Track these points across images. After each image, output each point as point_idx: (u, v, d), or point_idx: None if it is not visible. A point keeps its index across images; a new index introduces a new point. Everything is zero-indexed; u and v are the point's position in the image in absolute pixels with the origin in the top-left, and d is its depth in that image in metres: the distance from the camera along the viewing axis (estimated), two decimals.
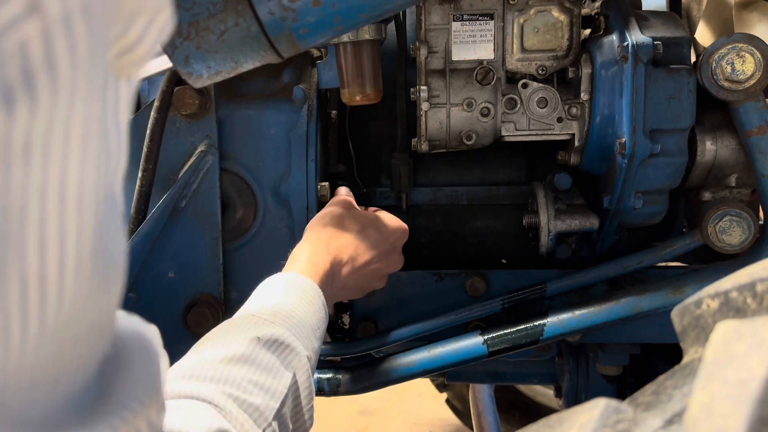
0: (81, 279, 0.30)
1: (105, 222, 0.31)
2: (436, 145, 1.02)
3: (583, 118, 0.99)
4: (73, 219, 0.29)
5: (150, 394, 0.36)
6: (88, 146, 0.29)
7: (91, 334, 0.32)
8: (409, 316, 1.05)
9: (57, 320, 0.29)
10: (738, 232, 0.96)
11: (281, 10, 0.69)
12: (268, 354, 0.69)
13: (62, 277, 0.29)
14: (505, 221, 1.13)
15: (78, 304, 0.30)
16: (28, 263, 0.27)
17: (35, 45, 0.25)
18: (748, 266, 0.39)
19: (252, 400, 0.63)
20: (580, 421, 0.36)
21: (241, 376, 0.65)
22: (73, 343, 0.31)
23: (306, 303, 0.78)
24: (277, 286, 0.81)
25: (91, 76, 0.28)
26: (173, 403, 0.60)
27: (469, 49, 0.98)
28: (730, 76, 0.91)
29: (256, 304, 0.78)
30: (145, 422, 0.35)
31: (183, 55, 0.71)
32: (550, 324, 1.00)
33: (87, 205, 0.29)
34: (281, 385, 0.67)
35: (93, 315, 0.32)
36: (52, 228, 0.28)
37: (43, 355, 0.29)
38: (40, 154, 0.27)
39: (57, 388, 0.31)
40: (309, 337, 0.75)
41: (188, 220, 1.00)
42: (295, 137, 1.00)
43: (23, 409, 0.29)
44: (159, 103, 0.97)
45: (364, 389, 1.04)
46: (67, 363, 0.31)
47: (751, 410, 0.30)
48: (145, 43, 0.32)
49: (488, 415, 1.57)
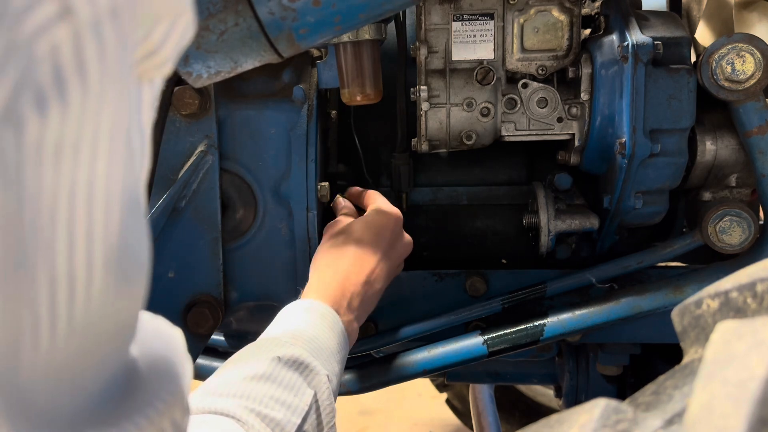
0: (108, 278, 0.30)
1: (130, 223, 0.32)
2: (436, 145, 1.02)
3: (583, 118, 0.99)
4: (101, 219, 0.29)
5: (174, 394, 0.36)
6: (115, 148, 0.29)
7: (116, 332, 0.33)
8: (409, 316, 1.05)
9: (85, 319, 0.30)
10: (738, 232, 0.96)
11: (281, 10, 0.69)
12: (289, 372, 0.70)
13: (90, 276, 0.29)
14: (505, 221, 1.13)
15: (105, 303, 0.31)
16: (57, 263, 0.28)
17: (66, 49, 0.26)
18: (748, 266, 0.39)
19: (274, 415, 0.64)
20: (580, 421, 0.36)
21: (263, 393, 0.66)
22: (99, 342, 0.32)
23: (325, 328, 0.80)
24: (297, 312, 0.82)
25: (120, 80, 0.29)
26: (197, 418, 0.61)
27: (469, 49, 0.98)
28: (730, 76, 0.91)
29: (277, 329, 0.79)
30: (169, 421, 0.35)
31: (183, 55, 0.71)
32: (550, 324, 1.00)
33: (113, 206, 0.30)
34: (303, 403, 0.68)
35: (118, 314, 0.32)
36: (81, 229, 0.29)
37: (70, 353, 0.30)
38: (71, 156, 0.27)
39: (83, 386, 0.32)
40: (329, 359, 0.76)
41: (188, 220, 1.00)
42: (295, 137, 1.00)
43: (51, 406, 0.30)
44: (159, 103, 0.97)
45: (364, 389, 1.04)
46: (93, 361, 0.32)
47: (751, 410, 0.30)
48: (167, 46, 0.33)
49: (488, 415, 1.57)
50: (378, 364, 1.04)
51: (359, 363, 1.05)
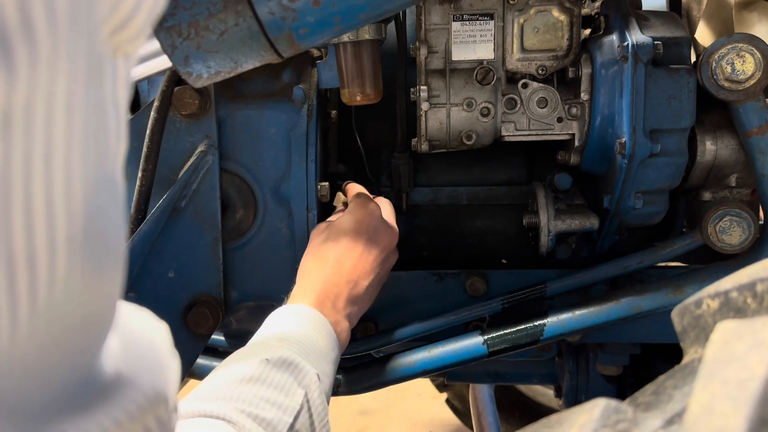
0: (74, 262, 0.29)
1: (100, 203, 0.30)
2: (436, 145, 1.02)
3: (583, 118, 0.99)
4: (62, 196, 0.28)
5: (158, 390, 0.34)
6: (75, 119, 0.28)
7: (88, 322, 0.31)
8: (409, 316, 1.05)
9: (49, 306, 0.28)
10: (738, 232, 0.96)
11: (281, 10, 0.69)
12: (279, 373, 0.69)
13: (52, 257, 0.28)
14: (505, 221, 1.13)
15: (72, 290, 0.29)
16: (14, 242, 0.26)
17: (10, 8, 0.24)
18: (748, 266, 0.39)
19: (265, 415, 0.64)
20: (580, 421, 0.36)
21: (254, 394, 0.66)
22: (69, 331, 0.30)
23: (313, 330, 0.79)
24: (283, 316, 0.82)
25: (74, 44, 0.27)
26: (189, 421, 0.61)
27: (469, 49, 0.98)
28: (730, 76, 0.91)
29: (264, 333, 0.79)
30: (153, 418, 0.34)
31: (183, 55, 0.71)
32: (550, 324, 1.00)
33: (77, 183, 0.28)
34: (294, 402, 0.68)
35: (89, 301, 0.31)
36: (39, 205, 0.27)
37: (36, 341, 0.28)
38: (22, 124, 0.26)
39: (53, 377, 0.30)
40: (319, 360, 0.76)
41: (188, 220, 1.00)
42: (295, 137, 1.00)
43: (17, 398, 0.28)
44: (159, 103, 0.97)
45: (364, 389, 1.04)
46: (63, 351, 0.30)
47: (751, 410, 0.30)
48: (139, 17, 0.31)
49: (488, 415, 1.57)
50: (378, 364, 1.04)
51: (359, 363, 1.05)
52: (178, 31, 0.70)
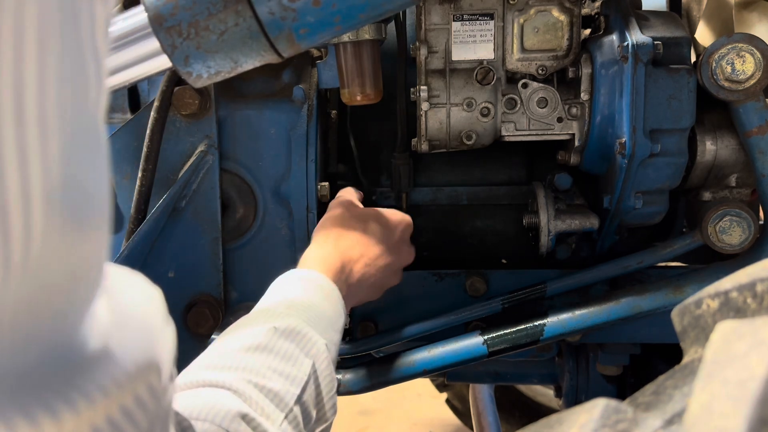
0: (52, 215, 0.26)
1: (79, 153, 0.28)
2: (436, 145, 1.02)
3: (583, 118, 0.99)
4: (36, 141, 0.25)
5: (149, 357, 0.32)
6: (48, 57, 0.25)
7: (70, 282, 0.29)
8: (409, 316, 1.05)
9: (25, 263, 0.26)
10: (738, 232, 0.96)
11: (281, 10, 0.69)
12: (286, 342, 0.68)
13: (27, 211, 0.25)
14: (505, 221, 1.13)
15: (50, 246, 0.27)
16: None
17: None
18: (748, 266, 0.39)
19: (272, 386, 0.62)
20: (580, 421, 0.36)
21: (260, 363, 0.64)
22: (49, 292, 0.28)
23: (322, 297, 0.78)
24: (292, 281, 0.80)
25: None
26: (193, 391, 0.59)
27: (469, 49, 0.98)
28: (730, 76, 0.91)
29: (271, 299, 0.77)
30: (144, 386, 0.32)
31: (183, 55, 0.71)
32: (550, 324, 1.00)
33: (52, 129, 0.26)
34: (301, 372, 0.66)
35: (71, 261, 0.28)
36: (10, 150, 0.24)
37: (11, 302, 0.26)
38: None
39: (33, 342, 0.28)
40: (327, 329, 0.74)
41: (188, 220, 1.00)
42: (295, 137, 1.00)
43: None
44: (159, 103, 0.97)
45: (364, 389, 1.04)
46: (42, 314, 0.28)
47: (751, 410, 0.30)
48: None
49: (488, 415, 1.57)
50: (378, 364, 1.04)
51: (359, 363, 1.05)
52: (178, 31, 0.70)
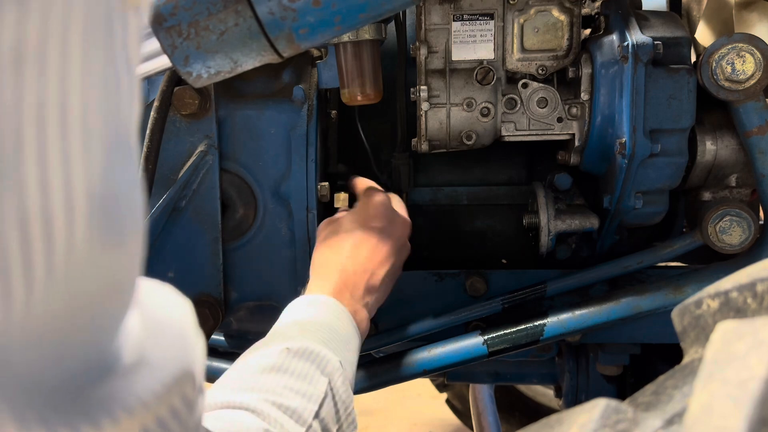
0: (94, 227, 0.26)
1: (118, 167, 0.27)
2: (436, 145, 1.02)
3: (583, 118, 0.99)
4: (79, 152, 0.25)
5: (184, 369, 0.32)
6: (92, 69, 0.25)
7: (107, 293, 0.29)
8: (409, 316, 1.05)
9: (67, 274, 0.25)
10: (738, 232, 0.96)
11: (281, 10, 0.69)
12: (300, 362, 0.69)
13: (71, 221, 0.25)
14: (505, 221, 1.13)
15: (92, 258, 0.26)
16: (27, 199, 0.23)
17: None
18: (748, 266, 0.39)
19: (290, 404, 0.64)
20: (580, 421, 0.36)
21: (276, 383, 0.65)
22: (87, 302, 0.27)
23: (332, 318, 0.79)
24: (301, 306, 0.82)
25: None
26: (213, 413, 0.60)
27: (469, 49, 0.98)
28: (730, 76, 0.91)
29: (283, 322, 0.78)
30: (179, 398, 0.32)
31: (183, 55, 0.71)
32: (550, 324, 1.00)
33: (94, 138, 0.26)
34: (318, 390, 0.67)
35: (110, 273, 0.28)
36: (55, 158, 0.24)
37: (52, 311, 0.25)
38: (35, 66, 0.23)
39: (71, 352, 0.27)
40: (339, 348, 0.75)
41: (188, 220, 1.00)
42: (295, 137, 1.00)
43: (33, 373, 0.26)
44: (159, 103, 0.97)
45: (364, 389, 1.04)
46: (81, 324, 0.27)
47: (751, 410, 0.30)
48: None
49: (488, 415, 1.57)
50: (378, 364, 1.04)
51: (359, 363, 1.05)
52: (178, 31, 0.70)
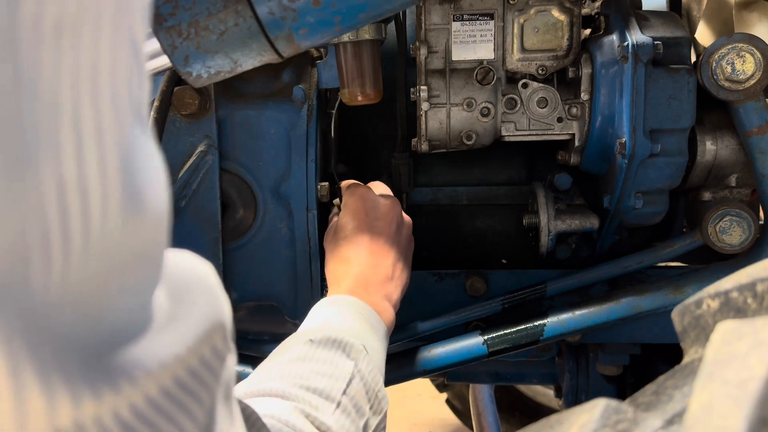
0: (125, 194, 0.27)
1: (142, 139, 0.28)
2: (436, 145, 1.02)
3: (583, 118, 0.99)
4: (110, 120, 0.26)
5: (213, 321, 0.34)
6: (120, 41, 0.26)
7: (138, 261, 0.29)
8: (409, 316, 1.05)
9: (102, 240, 0.26)
10: (738, 232, 0.96)
11: (281, 10, 0.69)
12: (325, 351, 0.71)
13: (105, 188, 0.26)
14: (505, 221, 1.13)
15: (124, 224, 0.27)
16: (64, 165, 0.24)
17: None
18: (748, 266, 0.39)
19: (317, 385, 0.66)
20: (580, 421, 0.36)
21: (303, 370, 0.68)
22: (120, 269, 0.28)
23: (353, 310, 0.81)
24: (322, 307, 0.84)
25: None
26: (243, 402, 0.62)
27: (469, 49, 0.98)
28: (730, 76, 0.91)
29: (305, 325, 0.81)
30: (209, 348, 0.33)
31: (183, 55, 0.71)
32: (550, 324, 1.00)
33: (123, 110, 0.26)
34: (344, 372, 0.70)
35: (139, 240, 0.29)
36: (89, 126, 0.25)
37: (87, 276, 0.26)
38: (71, 37, 0.24)
39: (108, 314, 0.28)
40: (363, 335, 0.77)
41: (188, 220, 1.00)
42: (295, 137, 1.00)
43: (73, 332, 0.27)
44: (159, 103, 0.97)
45: None
46: (113, 289, 0.28)
47: (751, 410, 0.30)
48: None
49: (488, 415, 1.57)
50: None
51: None
52: (178, 31, 0.70)
